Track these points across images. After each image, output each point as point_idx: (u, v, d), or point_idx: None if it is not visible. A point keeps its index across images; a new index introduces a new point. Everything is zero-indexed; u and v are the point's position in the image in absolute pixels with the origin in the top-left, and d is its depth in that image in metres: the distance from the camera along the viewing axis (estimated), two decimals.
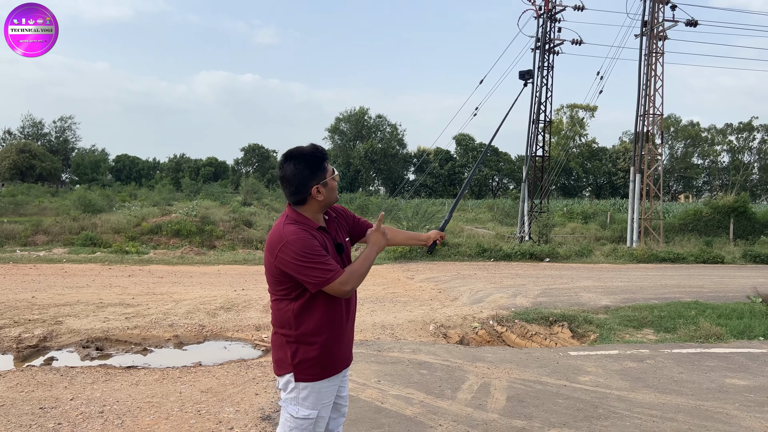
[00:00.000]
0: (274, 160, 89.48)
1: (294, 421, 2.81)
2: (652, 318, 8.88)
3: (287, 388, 2.84)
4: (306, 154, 2.83)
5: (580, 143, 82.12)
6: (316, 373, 2.81)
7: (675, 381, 5.85)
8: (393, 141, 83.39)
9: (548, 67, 25.87)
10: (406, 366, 6.12)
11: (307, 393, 2.80)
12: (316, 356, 2.80)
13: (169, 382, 5.66)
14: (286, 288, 2.80)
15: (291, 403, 2.82)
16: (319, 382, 2.83)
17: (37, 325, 7.81)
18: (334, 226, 3.00)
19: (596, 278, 13.81)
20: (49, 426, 4.45)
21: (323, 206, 2.91)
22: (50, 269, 13.64)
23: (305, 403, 2.80)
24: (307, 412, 2.80)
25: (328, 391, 2.87)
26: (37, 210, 35.12)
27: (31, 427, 4.42)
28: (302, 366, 2.79)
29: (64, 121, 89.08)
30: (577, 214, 37.65)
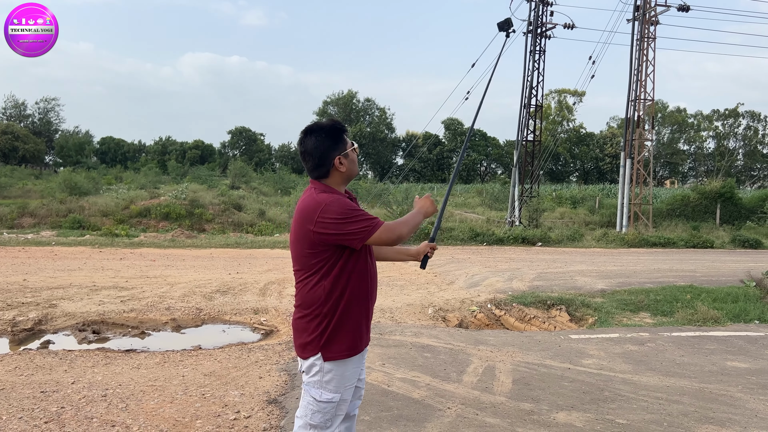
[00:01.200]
0: (261, 143, 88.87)
1: (317, 405, 2.77)
2: (648, 302, 8.93)
3: (311, 371, 2.79)
4: (325, 127, 2.84)
5: (568, 128, 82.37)
6: (346, 351, 2.78)
7: (677, 364, 5.88)
8: (382, 125, 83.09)
9: (540, 51, 25.80)
10: (409, 349, 6.10)
11: (331, 376, 2.76)
12: (346, 333, 2.77)
13: (170, 365, 5.59)
14: (322, 260, 2.74)
15: (314, 387, 2.78)
16: (344, 363, 2.79)
17: (31, 308, 7.69)
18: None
19: (589, 262, 13.89)
20: (52, 410, 4.37)
21: (345, 178, 2.88)
22: (39, 252, 13.45)
23: (329, 386, 2.76)
24: (330, 396, 2.77)
25: (351, 374, 2.84)
26: (21, 192, 34.69)
27: (34, 410, 4.34)
28: (332, 344, 2.75)
29: (48, 102, 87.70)
30: (566, 199, 37.81)
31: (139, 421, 4.23)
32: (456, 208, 36.60)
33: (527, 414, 4.46)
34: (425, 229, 16.25)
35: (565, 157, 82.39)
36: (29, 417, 4.23)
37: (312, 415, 2.79)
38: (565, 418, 4.39)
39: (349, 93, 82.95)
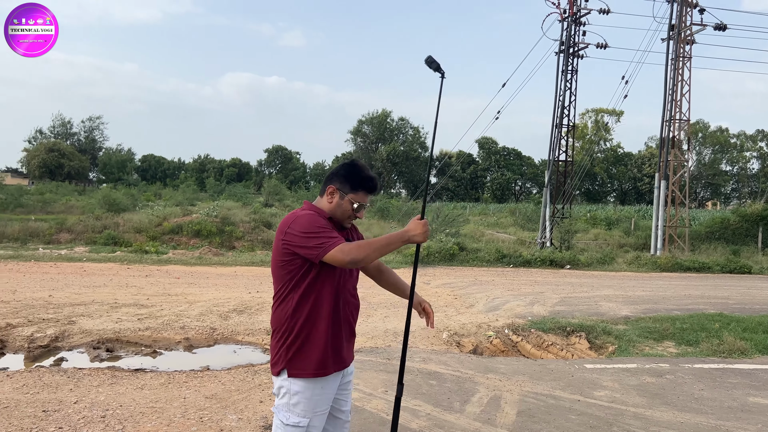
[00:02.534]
0: (296, 161, 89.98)
1: (284, 428, 2.75)
2: (674, 330, 8.61)
3: (279, 393, 2.79)
4: (354, 165, 2.93)
5: (605, 148, 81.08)
6: (312, 370, 2.75)
7: (695, 398, 5.62)
8: (415, 144, 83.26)
9: (572, 71, 25.54)
10: (415, 376, 5.98)
11: (298, 399, 2.74)
12: (313, 352, 2.76)
13: (174, 386, 5.60)
14: (290, 272, 2.77)
15: (282, 410, 2.77)
16: (312, 383, 2.76)
17: (50, 325, 7.83)
18: (345, 233, 2.98)
19: (617, 287, 13.51)
20: (50, 430, 4.40)
21: (329, 212, 2.88)
22: (70, 268, 13.77)
23: (296, 410, 2.74)
24: (297, 420, 2.73)
25: (321, 399, 2.80)
26: (64, 208, 35.68)
27: (32, 430, 4.38)
28: (297, 360, 2.75)
29: (93, 120, 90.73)
30: (601, 220, 37.06)
31: None
32: (488, 227, 36.27)
33: None
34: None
35: (602, 177, 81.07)
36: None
37: None
38: None
39: (384, 112, 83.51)
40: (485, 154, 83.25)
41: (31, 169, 74.95)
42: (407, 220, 20.00)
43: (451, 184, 79.79)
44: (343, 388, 3.02)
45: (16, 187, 48.56)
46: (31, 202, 38.08)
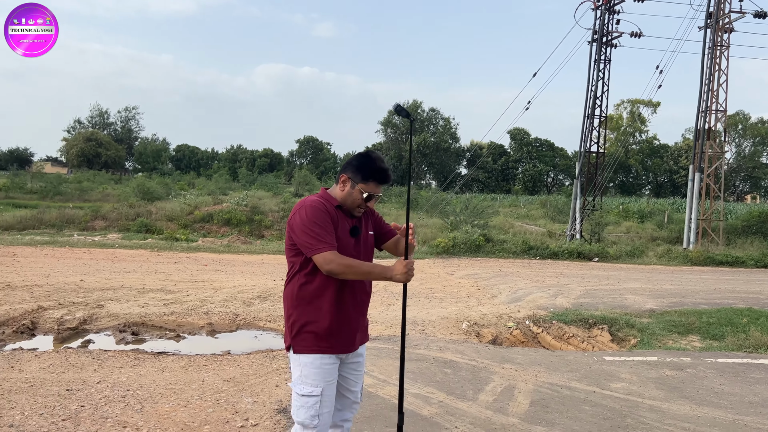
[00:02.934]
0: (327, 152, 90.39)
1: (300, 399, 2.91)
2: (699, 324, 8.45)
3: (293, 368, 2.98)
4: (367, 156, 3.03)
5: (641, 140, 79.41)
6: (313, 347, 2.90)
7: (715, 393, 5.52)
8: (446, 135, 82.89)
9: (605, 61, 25.07)
10: (430, 364, 6.01)
11: (308, 370, 2.90)
12: (315, 330, 2.90)
13: (194, 369, 5.73)
14: (296, 253, 2.93)
15: (297, 383, 2.94)
16: (318, 357, 2.90)
17: (79, 308, 8.07)
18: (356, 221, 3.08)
19: (645, 280, 13.29)
20: (72, 408, 4.56)
21: (340, 200, 3.00)
22: (102, 254, 14.13)
23: (307, 380, 2.90)
24: (310, 389, 2.89)
25: (330, 369, 2.94)
26: (100, 196, 36.61)
27: (55, 408, 4.54)
28: (300, 337, 2.92)
29: (129, 111, 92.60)
30: (633, 212, 36.38)
31: (150, 424, 4.35)
32: (517, 219, 35.93)
33: None
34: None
35: (636, 170, 79.52)
36: (49, 414, 4.42)
37: (297, 411, 2.93)
38: None
39: (414, 103, 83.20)
40: (517, 145, 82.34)
41: (70, 158, 76.92)
42: (435, 211, 20.04)
43: (481, 176, 79.21)
44: (352, 368, 3.12)
45: (56, 176, 49.91)
46: (70, 190, 39.16)
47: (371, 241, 3.17)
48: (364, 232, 3.11)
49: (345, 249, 2.94)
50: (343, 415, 3.20)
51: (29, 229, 19.77)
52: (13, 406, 4.54)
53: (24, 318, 7.43)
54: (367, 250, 3.13)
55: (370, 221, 3.20)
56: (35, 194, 36.70)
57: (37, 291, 9.03)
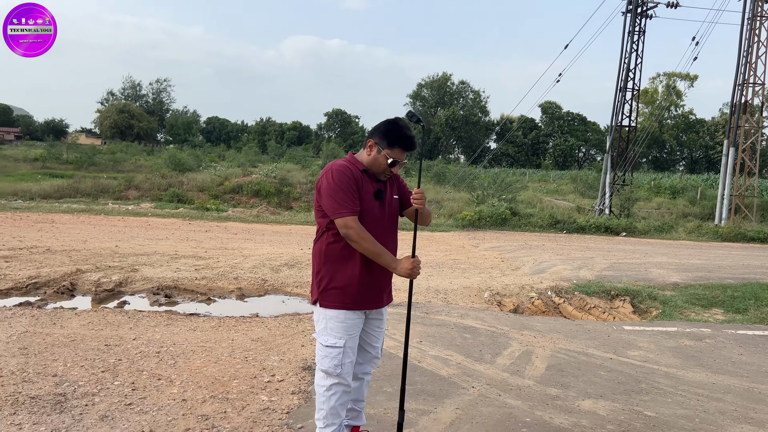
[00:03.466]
0: (355, 125, 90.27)
1: (324, 350, 3.11)
2: (723, 298, 8.45)
3: (318, 320, 3.16)
4: (395, 123, 3.13)
5: (676, 114, 77.52)
6: (338, 303, 3.08)
7: (732, 362, 5.59)
8: (475, 108, 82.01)
9: (639, 32, 24.53)
10: (450, 329, 6.17)
11: (333, 323, 3.09)
12: (339, 287, 3.08)
13: (224, 329, 5.99)
14: (323, 215, 3.09)
15: (321, 334, 3.13)
16: (342, 312, 3.08)
17: (115, 272, 8.42)
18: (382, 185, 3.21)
19: (672, 255, 13.21)
20: (110, 361, 4.84)
21: (367, 164, 3.13)
22: (136, 222, 14.57)
23: (333, 332, 3.09)
24: (334, 341, 3.08)
25: (354, 323, 3.13)
26: (133, 167, 37.41)
27: (95, 361, 4.83)
28: (326, 293, 3.11)
29: (160, 83, 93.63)
30: (665, 188, 35.81)
31: (183, 377, 4.61)
32: (546, 194, 35.70)
33: (551, 399, 4.44)
34: None
35: (671, 145, 77.79)
36: (90, 366, 4.71)
37: (322, 361, 3.13)
38: (590, 406, 4.34)
39: (444, 75, 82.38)
40: (548, 119, 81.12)
41: (104, 129, 78.38)
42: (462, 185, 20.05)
43: (511, 150, 78.38)
44: (375, 326, 3.31)
45: (90, 147, 51.02)
46: (103, 161, 40.06)
47: (396, 205, 3.27)
48: (389, 195, 3.22)
49: (370, 211, 3.07)
50: (364, 368, 3.39)
51: (66, 198, 20.40)
52: (56, 358, 4.85)
53: (64, 280, 7.80)
54: (392, 213, 3.24)
55: (395, 186, 3.31)
56: (71, 164, 37.65)
57: (75, 255, 9.42)
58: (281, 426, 3.81)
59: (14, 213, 15.35)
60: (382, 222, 3.16)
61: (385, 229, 3.18)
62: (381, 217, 3.14)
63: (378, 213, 3.12)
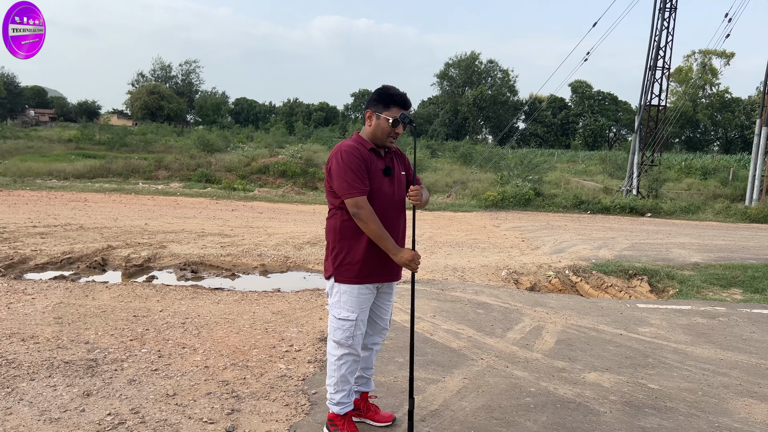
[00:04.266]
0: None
1: (337, 322, 3.29)
2: (744, 278, 8.43)
3: (331, 293, 3.32)
4: (383, 87, 3.27)
5: (711, 93, 75.59)
6: (352, 277, 3.23)
7: (743, 339, 5.65)
8: (504, 87, 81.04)
9: (671, 9, 23.98)
10: (464, 305, 6.33)
11: (346, 297, 3.24)
12: (353, 262, 3.22)
13: (246, 303, 6.24)
14: (334, 197, 3.23)
15: (335, 307, 3.30)
16: (356, 287, 3.23)
17: (144, 248, 8.75)
18: (391, 157, 3.36)
19: (696, 236, 13.11)
20: (138, 330, 5.13)
21: (371, 135, 3.25)
22: (165, 201, 14.97)
23: (345, 306, 3.25)
24: (347, 314, 3.25)
25: (366, 298, 3.29)
26: (163, 148, 38.08)
27: (124, 330, 5.12)
28: (341, 269, 3.24)
29: (189, 64, 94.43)
30: (696, 169, 35.16)
31: (206, 346, 4.87)
32: (574, 175, 35.38)
33: (558, 371, 4.58)
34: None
35: (705, 125, 75.99)
36: (119, 335, 5.00)
37: (334, 332, 3.32)
38: (595, 378, 4.47)
39: (472, 55, 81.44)
40: (578, 98, 79.85)
41: (134, 110, 79.59)
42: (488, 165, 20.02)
43: (540, 130, 77.51)
44: (385, 299, 3.48)
45: (122, 128, 52.03)
46: (134, 141, 40.84)
47: (404, 181, 3.39)
48: (397, 172, 3.35)
49: (380, 189, 3.20)
50: (374, 339, 3.57)
51: (98, 178, 20.97)
52: (88, 327, 5.15)
53: (96, 255, 8.15)
54: (401, 188, 3.35)
55: (402, 164, 3.45)
56: (103, 145, 38.50)
57: (106, 232, 9.80)
58: (296, 392, 4.03)
59: (49, 192, 15.89)
60: (393, 198, 3.28)
61: (395, 206, 3.29)
62: (391, 194, 3.26)
63: (388, 190, 3.24)
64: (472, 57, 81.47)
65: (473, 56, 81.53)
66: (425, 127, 78.81)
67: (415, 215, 3.44)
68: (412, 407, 3.37)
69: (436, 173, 28.19)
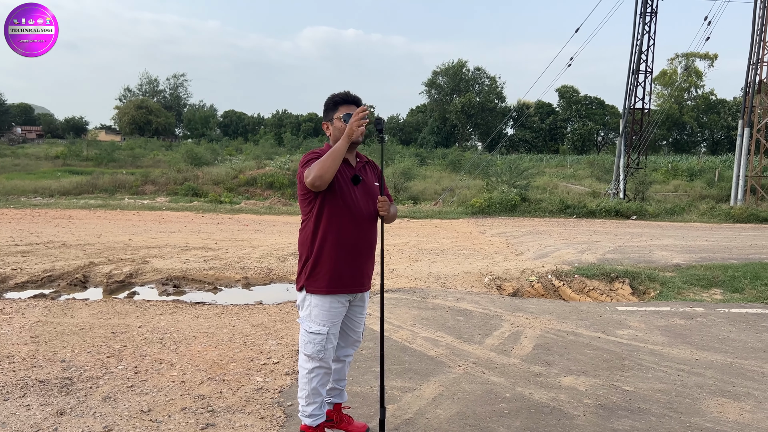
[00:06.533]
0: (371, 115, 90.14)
1: (308, 336, 3.29)
2: (724, 278, 8.50)
3: (303, 306, 3.34)
4: (328, 97, 3.34)
5: (696, 95, 76.27)
6: (325, 288, 3.23)
7: (720, 339, 5.69)
8: (491, 94, 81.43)
9: (651, 13, 24.28)
10: (444, 312, 6.35)
11: (318, 311, 3.25)
12: (325, 272, 3.22)
13: (226, 316, 6.24)
14: (306, 202, 3.25)
15: (306, 320, 3.32)
16: (327, 298, 3.24)
17: (127, 264, 8.73)
18: (362, 166, 3.39)
19: (680, 237, 13.22)
20: (116, 347, 5.11)
21: (336, 139, 3.28)
22: (150, 216, 14.93)
23: (317, 320, 3.27)
24: (318, 328, 3.26)
25: (337, 311, 3.29)
26: (152, 162, 37.98)
27: (101, 347, 5.10)
28: (312, 279, 3.25)
29: (177, 78, 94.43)
30: (683, 170, 35.43)
31: (183, 361, 4.86)
32: (563, 179, 35.52)
33: (534, 376, 4.60)
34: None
35: (691, 126, 76.59)
36: (96, 352, 4.98)
37: (305, 346, 3.32)
38: (571, 382, 4.50)
39: (459, 62, 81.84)
40: (565, 103, 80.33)
41: (122, 125, 79.37)
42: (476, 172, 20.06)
43: (528, 136, 77.84)
44: (357, 312, 3.48)
45: (109, 143, 51.85)
46: (123, 156, 40.70)
47: (376, 192, 3.37)
48: (369, 181, 3.36)
49: (349, 196, 3.20)
50: (346, 351, 3.58)
51: (84, 194, 20.89)
52: (64, 345, 5.13)
53: (77, 272, 8.12)
54: (372, 199, 3.33)
55: (375, 175, 3.46)
56: (91, 161, 38.33)
57: (89, 249, 9.76)
58: (272, 404, 4.03)
59: (33, 210, 15.81)
60: (363, 208, 3.27)
61: (366, 216, 3.28)
62: (361, 203, 3.25)
63: (358, 198, 3.24)
64: (460, 65, 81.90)
65: (460, 64, 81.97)
66: (414, 136, 79.04)
67: (383, 227, 3.45)
68: (383, 416, 3.37)
69: (425, 181, 28.25)
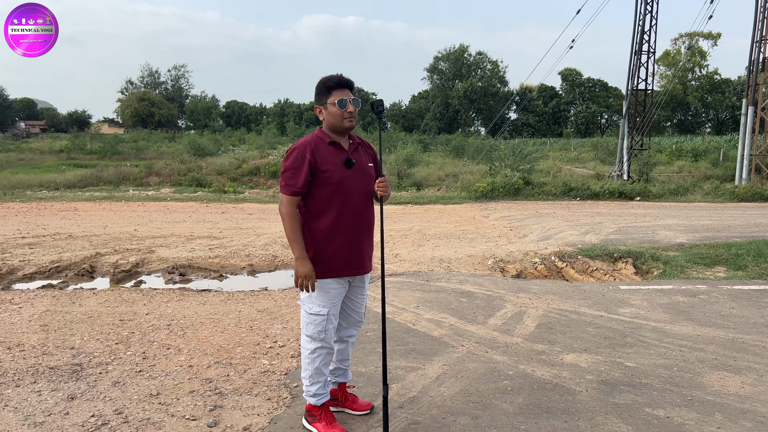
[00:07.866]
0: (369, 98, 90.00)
1: (308, 317, 3.34)
2: (727, 256, 8.52)
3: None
4: (320, 80, 3.32)
5: (700, 75, 75.72)
6: (322, 272, 3.27)
7: (722, 315, 5.73)
8: (494, 79, 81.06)
9: None
10: (448, 294, 6.41)
11: (318, 292, 3.29)
12: (324, 257, 3.26)
13: (232, 302, 6.31)
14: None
15: (306, 302, 3.35)
16: (327, 282, 3.29)
17: (132, 254, 8.80)
18: (354, 148, 3.39)
19: (684, 217, 13.21)
20: (124, 334, 5.19)
21: (329, 127, 3.31)
22: (155, 207, 15.00)
23: (317, 301, 3.31)
24: (318, 309, 3.31)
25: (336, 292, 3.34)
26: (155, 154, 38.05)
27: (109, 334, 5.18)
28: (311, 262, 3.25)
29: (178, 69, 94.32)
30: (687, 151, 35.28)
31: (190, 346, 4.93)
32: (567, 163, 35.45)
33: (536, 354, 4.66)
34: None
35: (696, 107, 76.13)
36: (105, 339, 5.06)
37: (306, 327, 3.37)
38: (573, 359, 4.55)
39: (461, 47, 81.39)
40: (568, 86, 79.89)
41: (125, 118, 79.48)
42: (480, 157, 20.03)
43: (532, 119, 77.56)
44: (358, 292, 3.52)
45: (113, 136, 51.93)
46: (126, 149, 40.81)
47: (372, 173, 3.40)
48: (363, 163, 3.38)
49: (344, 180, 3.23)
50: (349, 332, 3.63)
51: (89, 187, 20.99)
52: (73, 333, 5.21)
53: (84, 263, 8.20)
54: (368, 180, 3.36)
55: (369, 155, 3.48)
56: (95, 154, 38.46)
57: (95, 240, 9.84)
58: (279, 386, 4.10)
59: (39, 203, 15.92)
60: (358, 190, 3.29)
61: (361, 198, 3.31)
62: (356, 185, 3.28)
63: (353, 181, 3.26)
64: (461, 50, 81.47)
65: (462, 49, 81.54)
66: (417, 122, 78.80)
67: (383, 208, 3.48)
68: (387, 393, 3.43)
69: (428, 167, 28.23)
